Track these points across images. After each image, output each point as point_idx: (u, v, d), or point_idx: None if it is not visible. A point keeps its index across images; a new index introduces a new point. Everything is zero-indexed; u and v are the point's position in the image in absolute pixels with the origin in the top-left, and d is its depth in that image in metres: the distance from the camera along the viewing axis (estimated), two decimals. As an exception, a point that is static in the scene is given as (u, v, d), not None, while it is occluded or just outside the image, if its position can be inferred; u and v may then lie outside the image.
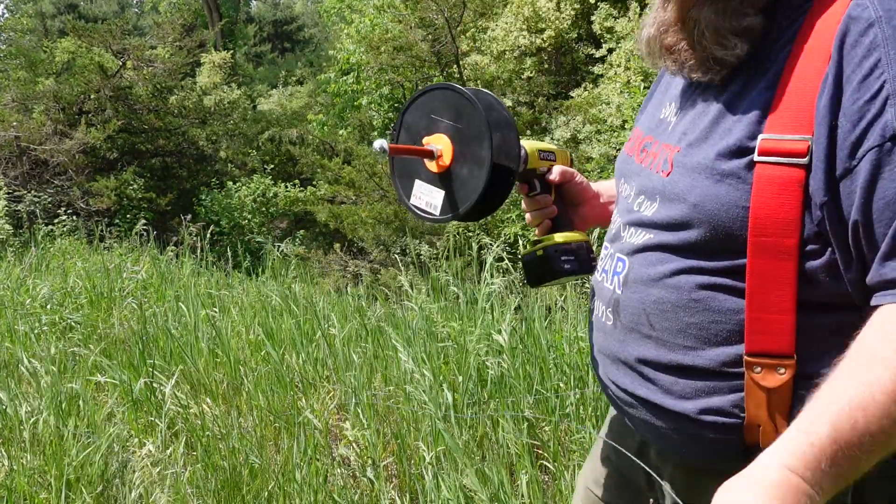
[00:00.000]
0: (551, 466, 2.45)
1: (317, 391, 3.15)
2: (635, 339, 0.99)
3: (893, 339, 0.78)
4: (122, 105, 13.18)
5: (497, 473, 2.25)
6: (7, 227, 9.17)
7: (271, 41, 32.93)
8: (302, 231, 14.13)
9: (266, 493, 2.41)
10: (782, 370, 0.87)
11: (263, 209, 14.74)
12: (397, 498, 2.42)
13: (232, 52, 23.54)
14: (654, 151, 1.03)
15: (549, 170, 1.31)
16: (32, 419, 2.92)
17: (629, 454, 1.14)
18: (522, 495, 2.27)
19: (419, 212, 1.19)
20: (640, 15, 10.28)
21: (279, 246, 5.97)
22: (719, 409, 0.91)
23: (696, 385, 0.92)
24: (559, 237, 1.27)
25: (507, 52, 12.41)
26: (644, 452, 1.13)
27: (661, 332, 0.95)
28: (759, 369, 0.88)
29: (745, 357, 0.89)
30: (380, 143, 1.09)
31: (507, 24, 12.18)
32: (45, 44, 18.19)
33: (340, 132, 16.97)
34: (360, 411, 2.79)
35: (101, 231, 8.22)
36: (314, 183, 14.34)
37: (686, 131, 0.97)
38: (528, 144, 1.29)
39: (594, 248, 1.30)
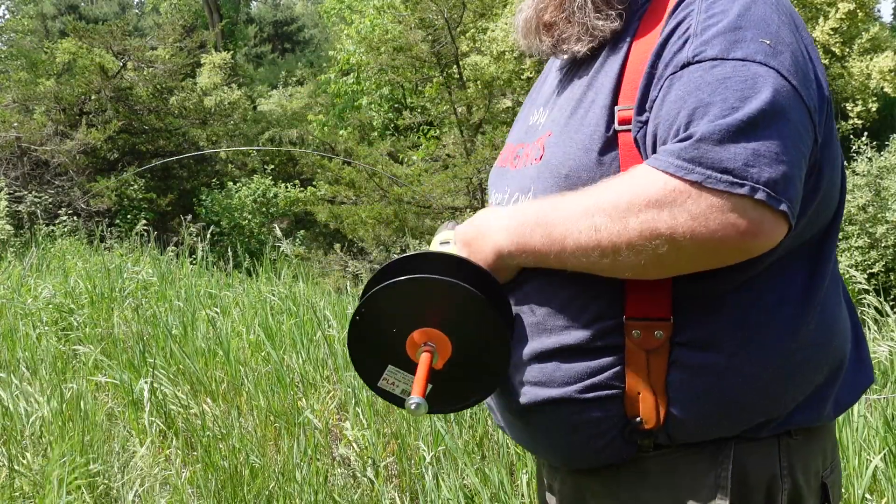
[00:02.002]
0: (551, 466, 2.45)
1: (317, 391, 3.15)
2: (518, 334, 1.00)
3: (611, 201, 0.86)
4: (123, 106, 13.19)
5: (497, 473, 2.26)
6: (8, 227, 9.17)
7: (271, 42, 32.93)
8: (302, 231, 14.14)
9: (266, 493, 2.42)
10: (659, 332, 0.91)
11: (263, 209, 14.74)
12: (397, 498, 2.42)
13: (232, 52, 23.56)
14: (526, 153, 1.07)
15: None
16: (32, 419, 2.92)
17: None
18: (522, 495, 2.27)
19: (389, 398, 1.00)
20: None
21: (279, 246, 5.97)
22: (600, 384, 0.94)
23: (578, 367, 0.95)
24: None
25: (506, 53, 12.42)
26: (540, 478, 1.15)
27: (542, 317, 0.98)
28: (637, 333, 0.92)
29: (626, 321, 0.92)
30: (414, 400, 0.88)
31: (506, 24, 12.18)
32: (46, 45, 18.21)
33: (340, 132, 16.98)
34: (360, 411, 2.79)
35: (102, 231, 8.23)
36: (314, 183, 14.35)
37: (556, 119, 1.03)
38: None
39: None
